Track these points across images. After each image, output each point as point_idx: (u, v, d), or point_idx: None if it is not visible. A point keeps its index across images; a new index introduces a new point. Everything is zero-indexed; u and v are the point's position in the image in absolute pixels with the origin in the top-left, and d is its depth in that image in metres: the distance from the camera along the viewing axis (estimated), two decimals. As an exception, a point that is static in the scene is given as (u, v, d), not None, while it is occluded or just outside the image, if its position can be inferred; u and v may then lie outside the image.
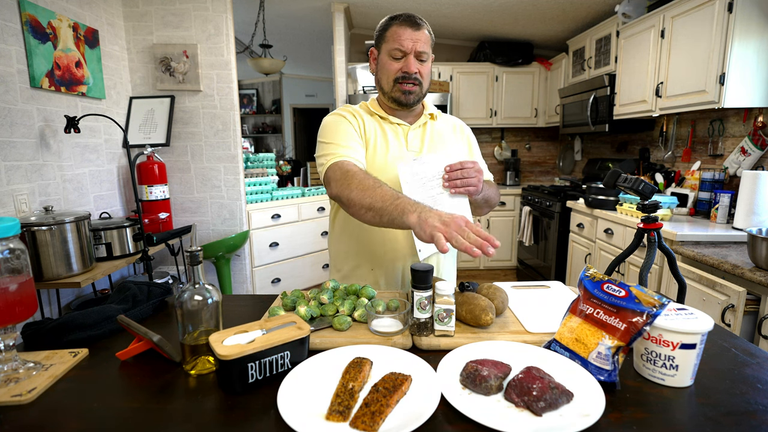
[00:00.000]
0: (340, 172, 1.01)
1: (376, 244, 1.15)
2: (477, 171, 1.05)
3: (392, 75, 1.12)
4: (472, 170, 1.05)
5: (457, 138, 1.25)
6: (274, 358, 0.68)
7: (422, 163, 1.08)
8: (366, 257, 1.17)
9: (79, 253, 1.77)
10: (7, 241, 0.69)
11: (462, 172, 1.04)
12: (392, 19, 1.12)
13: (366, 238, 1.16)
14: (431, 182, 1.08)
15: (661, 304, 0.65)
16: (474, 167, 1.05)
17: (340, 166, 1.03)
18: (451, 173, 1.05)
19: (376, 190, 0.93)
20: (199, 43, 2.70)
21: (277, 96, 6.70)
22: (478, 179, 1.05)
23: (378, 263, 1.15)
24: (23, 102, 1.86)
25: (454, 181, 1.05)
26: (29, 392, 0.66)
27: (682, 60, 2.37)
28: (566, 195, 3.31)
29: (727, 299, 1.58)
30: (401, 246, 1.14)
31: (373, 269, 1.16)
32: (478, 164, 1.07)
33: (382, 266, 1.15)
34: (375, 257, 1.16)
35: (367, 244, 1.16)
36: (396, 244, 1.14)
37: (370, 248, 1.16)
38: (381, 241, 1.15)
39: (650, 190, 1.36)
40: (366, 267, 1.17)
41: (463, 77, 4.16)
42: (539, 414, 0.59)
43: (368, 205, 0.93)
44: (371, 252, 1.16)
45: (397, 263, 1.15)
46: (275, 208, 3.27)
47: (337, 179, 1.01)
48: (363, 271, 1.18)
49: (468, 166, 1.04)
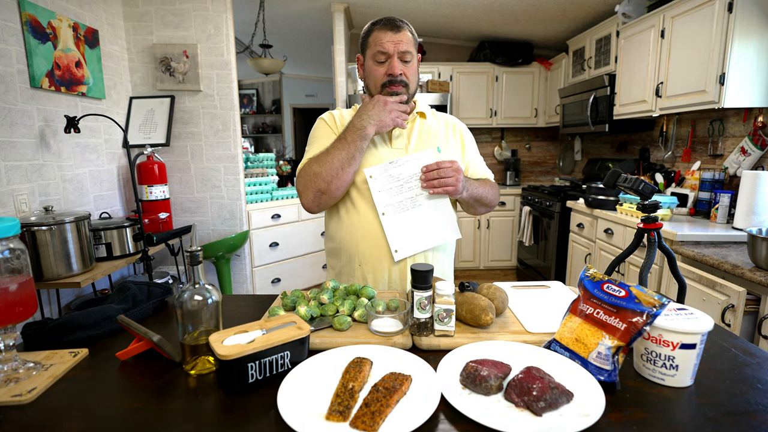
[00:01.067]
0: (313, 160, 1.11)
1: (357, 238, 1.15)
2: (455, 170, 1.06)
3: (379, 80, 1.13)
4: (450, 170, 1.05)
5: (449, 136, 1.25)
6: (274, 358, 0.68)
7: (398, 165, 1.10)
8: (353, 252, 1.17)
9: (79, 253, 1.77)
10: (7, 241, 0.69)
11: (438, 172, 1.05)
12: (373, 24, 1.14)
13: (349, 231, 1.16)
14: (408, 183, 1.09)
15: (661, 304, 0.65)
16: (452, 167, 1.05)
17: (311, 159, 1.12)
18: (428, 173, 1.06)
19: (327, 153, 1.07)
20: (199, 43, 2.70)
21: (277, 96, 6.70)
22: (456, 179, 1.06)
23: (364, 259, 1.16)
24: (23, 102, 1.86)
25: (431, 181, 1.06)
26: (29, 392, 0.66)
27: (682, 60, 2.37)
28: (566, 195, 3.31)
29: (727, 299, 1.58)
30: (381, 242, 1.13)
31: (360, 265, 1.17)
32: (456, 163, 1.07)
33: (368, 263, 1.15)
34: (360, 252, 1.16)
35: (351, 239, 1.16)
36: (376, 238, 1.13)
37: (354, 243, 1.16)
38: (362, 235, 1.14)
39: (650, 190, 1.36)
40: (354, 262, 1.17)
41: (463, 77, 4.16)
42: (539, 414, 0.59)
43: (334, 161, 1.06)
44: (356, 245, 1.16)
45: (383, 262, 1.14)
46: (275, 208, 3.27)
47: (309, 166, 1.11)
48: (352, 266, 1.18)
49: (445, 165, 1.05)
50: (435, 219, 1.12)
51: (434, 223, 1.12)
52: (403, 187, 1.09)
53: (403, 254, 1.11)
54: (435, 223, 1.12)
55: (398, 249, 1.11)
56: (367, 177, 1.10)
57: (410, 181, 1.09)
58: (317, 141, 1.18)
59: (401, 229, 1.11)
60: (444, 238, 1.14)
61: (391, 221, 1.10)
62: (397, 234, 1.11)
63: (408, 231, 1.11)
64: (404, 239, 1.11)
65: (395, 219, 1.10)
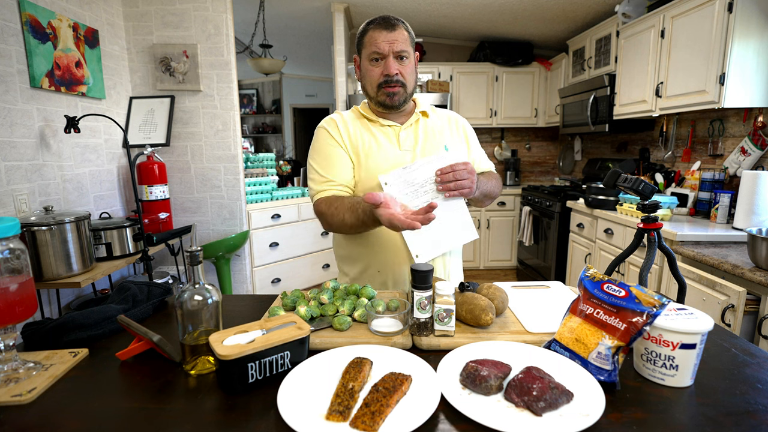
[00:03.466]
0: (324, 206, 1.11)
1: (375, 247, 1.15)
2: (469, 172, 1.05)
3: (375, 80, 1.12)
4: (464, 171, 1.04)
5: (453, 132, 1.24)
6: (274, 358, 0.68)
7: (412, 170, 1.08)
8: (370, 260, 1.17)
9: (79, 253, 1.77)
10: (7, 241, 0.69)
11: (454, 174, 1.03)
12: (368, 24, 1.13)
13: (365, 242, 1.16)
14: (423, 188, 1.08)
15: (661, 304, 0.65)
16: (466, 168, 1.04)
17: (324, 201, 1.12)
18: (443, 176, 1.04)
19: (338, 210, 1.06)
20: (199, 43, 2.70)
21: (277, 96, 6.70)
22: (471, 180, 1.05)
23: (383, 266, 1.15)
24: (23, 102, 1.86)
25: (446, 184, 1.05)
26: (29, 392, 0.66)
27: (682, 60, 2.37)
28: (566, 195, 3.31)
29: (727, 299, 1.58)
30: (400, 248, 1.13)
31: (380, 271, 1.16)
32: (470, 165, 1.06)
33: (387, 269, 1.15)
34: (378, 260, 1.15)
35: (368, 248, 1.16)
36: (395, 246, 1.13)
37: (371, 251, 1.16)
38: (379, 244, 1.14)
39: (650, 190, 1.36)
40: (373, 269, 1.17)
41: (463, 77, 4.16)
42: (539, 414, 0.59)
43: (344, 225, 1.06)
44: (374, 255, 1.16)
45: (403, 265, 1.14)
46: (275, 208, 3.27)
47: (322, 212, 1.12)
48: (371, 272, 1.17)
49: (459, 168, 1.04)
50: (453, 221, 1.11)
51: (452, 226, 1.11)
52: (419, 191, 1.08)
53: (423, 259, 1.11)
54: (453, 225, 1.11)
55: (419, 254, 1.10)
56: (383, 184, 1.07)
57: (425, 185, 1.08)
58: (319, 153, 1.17)
59: (420, 234, 1.10)
60: (462, 239, 1.13)
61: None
62: (417, 239, 1.10)
63: (428, 235, 1.10)
64: (424, 244, 1.10)
65: None
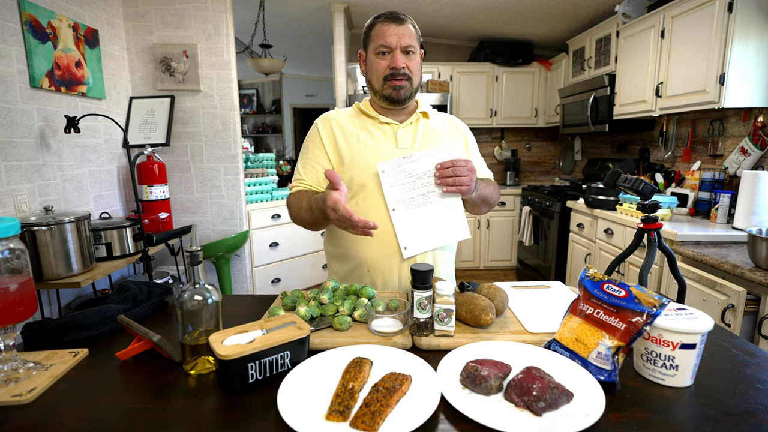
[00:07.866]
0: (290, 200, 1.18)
1: (362, 244, 1.14)
2: (469, 170, 1.04)
3: (381, 73, 1.12)
4: (464, 168, 1.03)
5: (452, 135, 1.24)
6: (274, 358, 0.68)
7: (411, 161, 1.07)
8: (360, 259, 1.15)
9: (79, 253, 1.77)
10: (7, 241, 0.69)
11: (453, 170, 1.03)
12: (376, 19, 1.14)
13: (356, 239, 1.14)
14: (421, 180, 1.07)
15: (661, 304, 0.65)
16: (466, 165, 1.04)
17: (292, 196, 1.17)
18: (442, 171, 1.04)
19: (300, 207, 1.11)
20: (199, 43, 2.70)
21: (277, 96, 6.70)
22: (471, 178, 1.04)
23: (373, 265, 1.14)
24: (23, 102, 1.86)
25: (445, 179, 1.04)
26: (29, 392, 0.66)
27: (682, 60, 2.37)
28: (566, 195, 3.30)
29: (727, 299, 1.58)
30: (392, 248, 1.12)
31: (369, 270, 1.15)
32: (470, 163, 1.06)
33: (377, 267, 1.14)
34: (367, 258, 1.14)
35: (359, 246, 1.15)
36: (383, 244, 1.12)
37: (361, 249, 1.14)
38: (370, 240, 1.12)
39: (650, 190, 1.36)
40: (362, 268, 1.16)
41: (463, 77, 4.16)
42: (539, 414, 0.59)
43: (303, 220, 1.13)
44: (363, 253, 1.14)
45: (392, 264, 1.13)
46: (275, 208, 3.27)
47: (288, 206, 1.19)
48: (360, 272, 1.16)
49: (460, 164, 1.03)
50: (446, 217, 1.10)
51: (445, 222, 1.10)
52: (416, 183, 1.07)
53: (411, 252, 1.10)
54: (446, 221, 1.10)
55: (407, 246, 1.09)
56: (380, 171, 1.07)
57: (423, 178, 1.07)
58: (304, 149, 1.21)
59: (412, 226, 1.09)
60: (454, 237, 1.12)
61: (401, 217, 1.09)
62: (407, 231, 1.09)
63: (418, 228, 1.09)
64: (414, 236, 1.10)
65: (406, 215, 1.09)
